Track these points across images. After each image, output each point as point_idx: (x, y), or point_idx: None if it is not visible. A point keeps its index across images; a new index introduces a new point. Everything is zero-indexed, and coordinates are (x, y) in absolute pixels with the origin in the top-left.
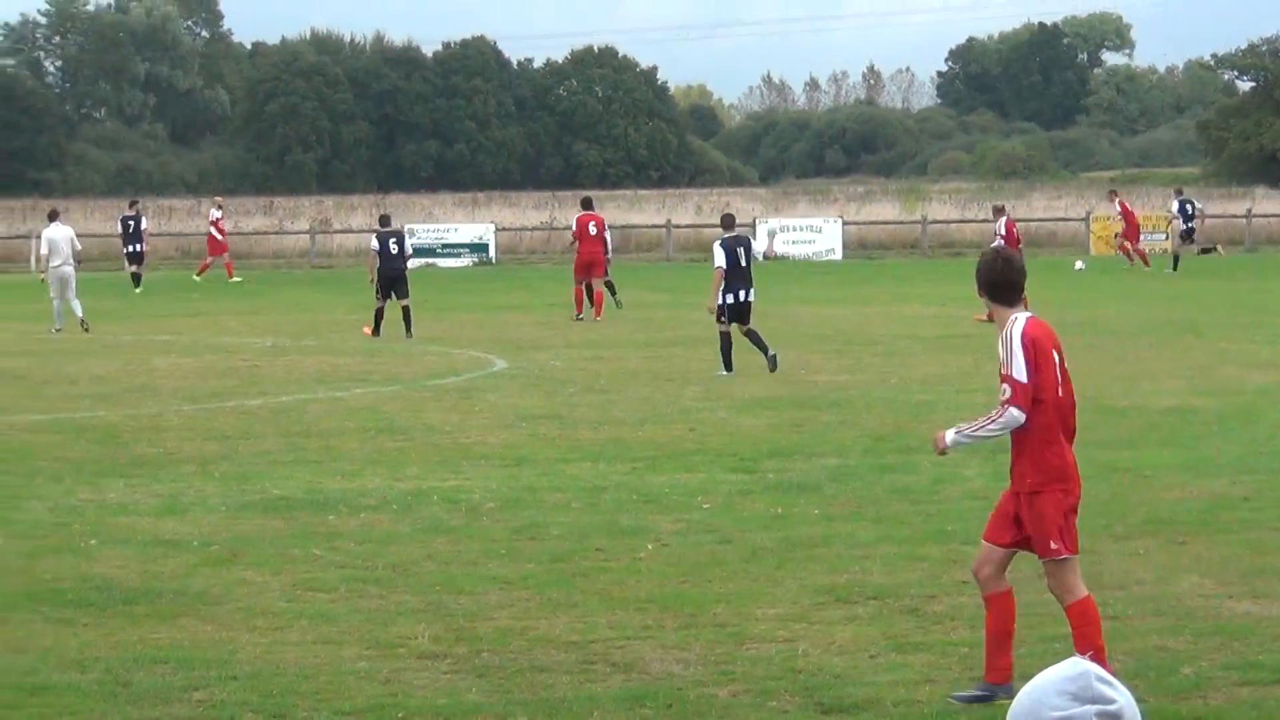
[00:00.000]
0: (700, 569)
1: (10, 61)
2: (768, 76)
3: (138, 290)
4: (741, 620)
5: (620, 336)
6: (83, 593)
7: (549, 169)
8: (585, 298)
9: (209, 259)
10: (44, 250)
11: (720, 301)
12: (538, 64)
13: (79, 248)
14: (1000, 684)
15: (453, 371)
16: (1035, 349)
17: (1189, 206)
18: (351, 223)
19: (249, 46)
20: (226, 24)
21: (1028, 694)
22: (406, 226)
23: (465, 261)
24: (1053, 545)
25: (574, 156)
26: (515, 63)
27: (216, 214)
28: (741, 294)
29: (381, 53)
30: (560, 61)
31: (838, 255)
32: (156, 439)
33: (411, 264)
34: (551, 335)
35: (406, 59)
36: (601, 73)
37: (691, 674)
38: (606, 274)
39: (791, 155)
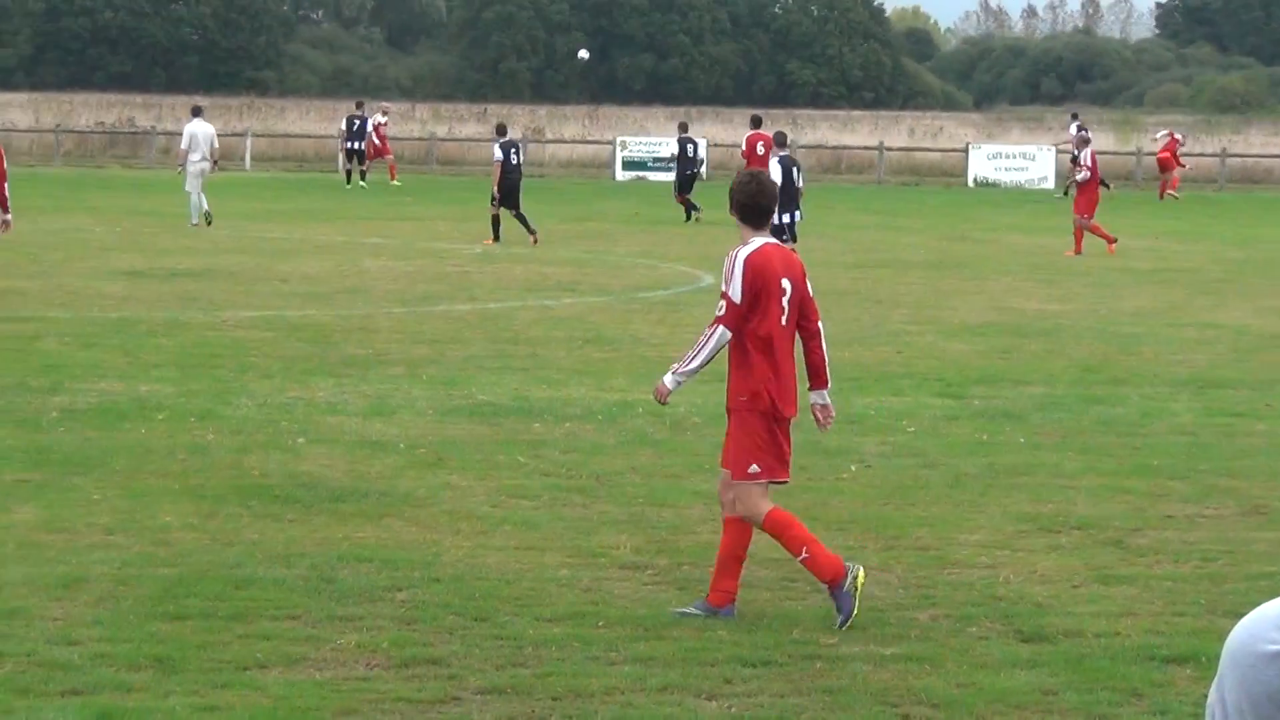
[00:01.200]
0: (903, 492)
1: None
2: (985, 2)
3: (349, 187)
4: (943, 545)
5: (829, 256)
6: (290, 490)
7: (761, 86)
8: None
9: (370, 160)
10: (184, 145)
11: None
12: None
13: (216, 145)
14: (720, 606)
15: (661, 285)
16: (755, 274)
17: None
18: (564, 132)
19: None
20: None
21: (1244, 628)
22: (619, 139)
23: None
24: (751, 469)
25: (787, 75)
26: None
27: (381, 119)
28: (785, 215)
29: None
30: None
31: (1050, 184)
32: (366, 340)
33: (623, 176)
34: None
35: None
36: None
37: (891, 596)
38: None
39: (1006, 82)
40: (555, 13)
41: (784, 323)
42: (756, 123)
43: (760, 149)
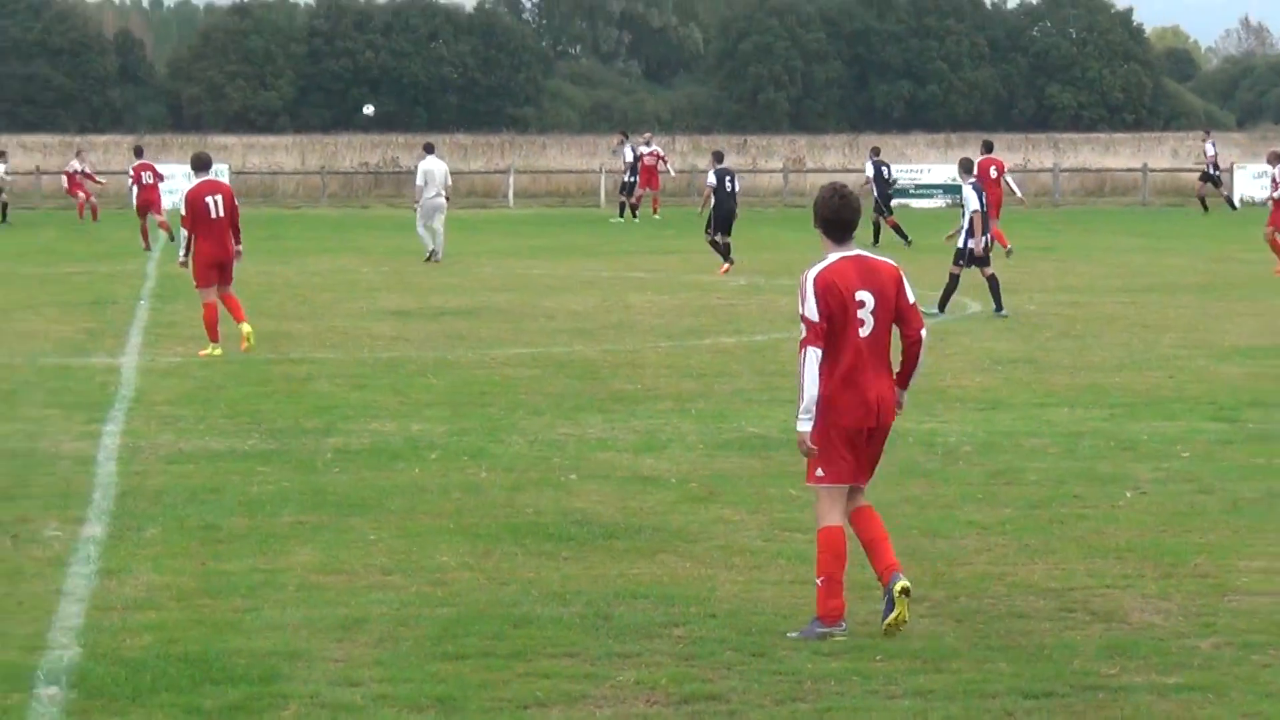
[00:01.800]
0: (1179, 518)
1: None
2: (1245, 19)
3: (622, 220)
4: (1223, 572)
5: (1094, 281)
6: (563, 527)
7: (1021, 111)
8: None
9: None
10: (420, 181)
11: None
12: (1011, 4)
13: (449, 183)
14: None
15: (928, 313)
16: (824, 291)
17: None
18: (825, 162)
19: None
20: None
21: None
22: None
23: (938, 203)
24: (817, 472)
25: (1047, 99)
26: (989, 3)
27: (645, 149)
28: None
29: None
30: (1034, 2)
31: None
32: (634, 375)
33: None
34: (1026, 279)
35: None
36: (1075, 14)
37: (1172, 625)
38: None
39: (1270, 99)
40: (812, 42)
41: (863, 333)
42: (988, 148)
43: (993, 172)
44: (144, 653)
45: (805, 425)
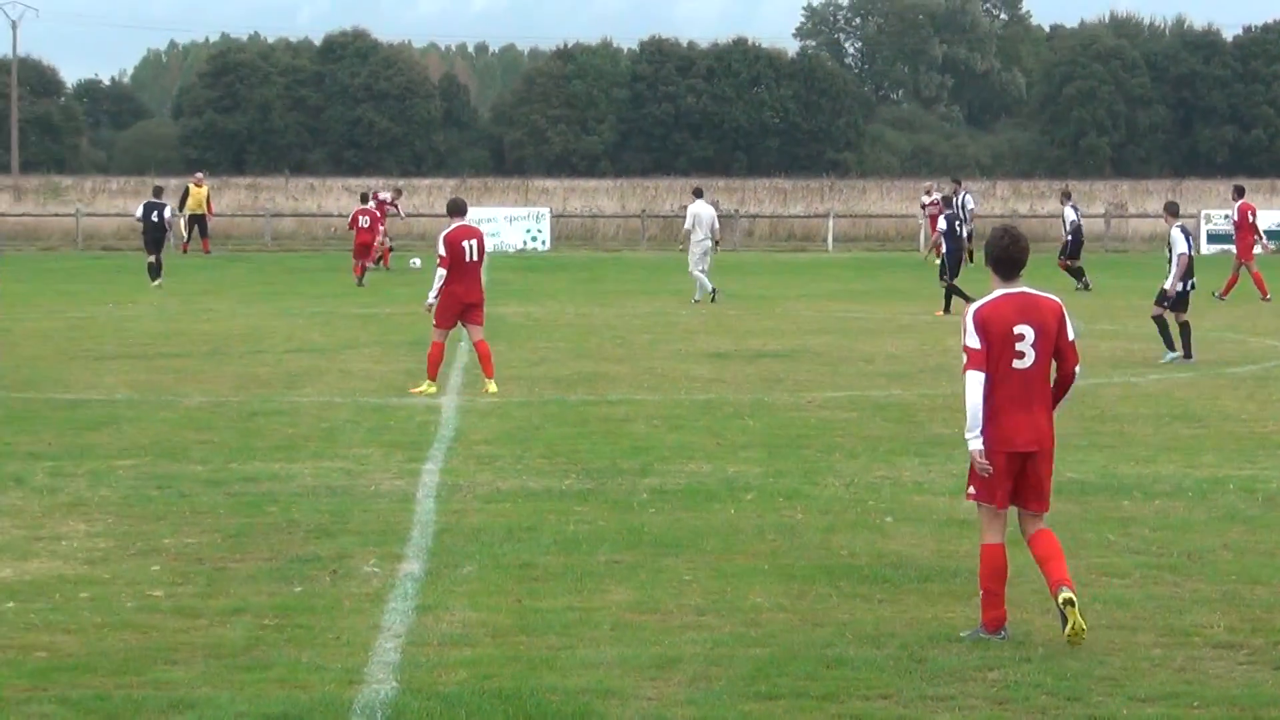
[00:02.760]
0: None
1: None
2: None
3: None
4: None
5: None
6: (878, 569)
7: None
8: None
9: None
10: (688, 225)
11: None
12: None
13: (717, 226)
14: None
15: (1249, 359)
16: (982, 324)
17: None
18: (1147, 207)
19: (1047, 29)
20: (1025, 6)
21: None
22: (1204, 212)
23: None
24: (969, 490)
25: None
26: None
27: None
28: (1190, 282)
29: (1181, 36)
30: None
31: None
32: (951, 419)
33: (1209, 250)
34: None
35: (1206, 43)
36: None
37: None
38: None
39: None
40: (1137, 86)
41: (1020, 365)
42: (1240, 193)
43: (1251, 216)
44: (459, 689)
45: (975, 443)
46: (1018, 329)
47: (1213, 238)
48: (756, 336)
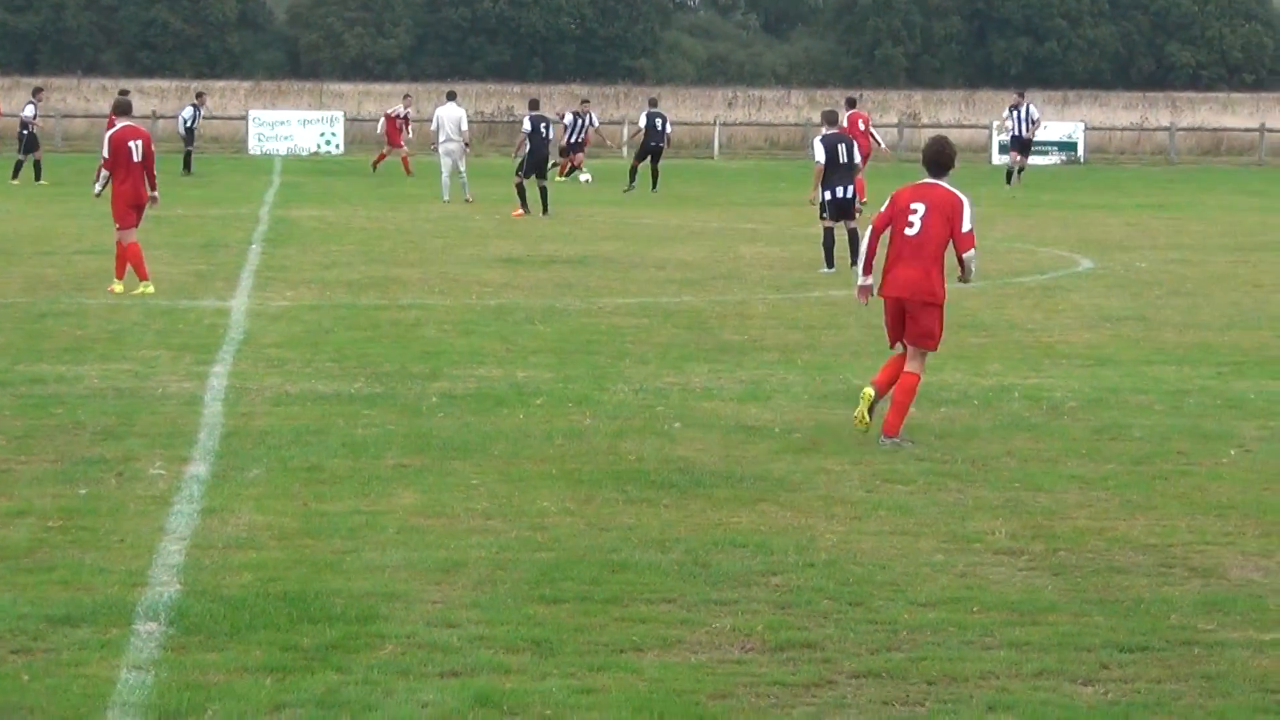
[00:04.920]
0: None
1: None
2: None
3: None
4: None
5: (1207, 240)
6: (665, 474)
7: (1139, 69)
8: None
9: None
10: (434, 126)
11: (822, 197)
12: None
13: (465, 128)
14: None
15: (1037, 270)
16: (893, 198)
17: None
18: (940, 117)
19: None
20: None
21: None
22: (995, 123)
23: (1053, 160)
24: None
25: (1166, 57)
26: None
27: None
28: (840, 190)
29: None
30: None
31: None
32: (741, 326)
33: (999, 160)
34: (1138, 236)
35: None
36: None
37: (1271, 581)
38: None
39: None
40: None
41: (907, 233)
42: (851, 103)
43: (861, 125)
44: (243, 591)
45: (860, 280)
46: (913, 205)
47: (1005, 148)
48: (549, 242)
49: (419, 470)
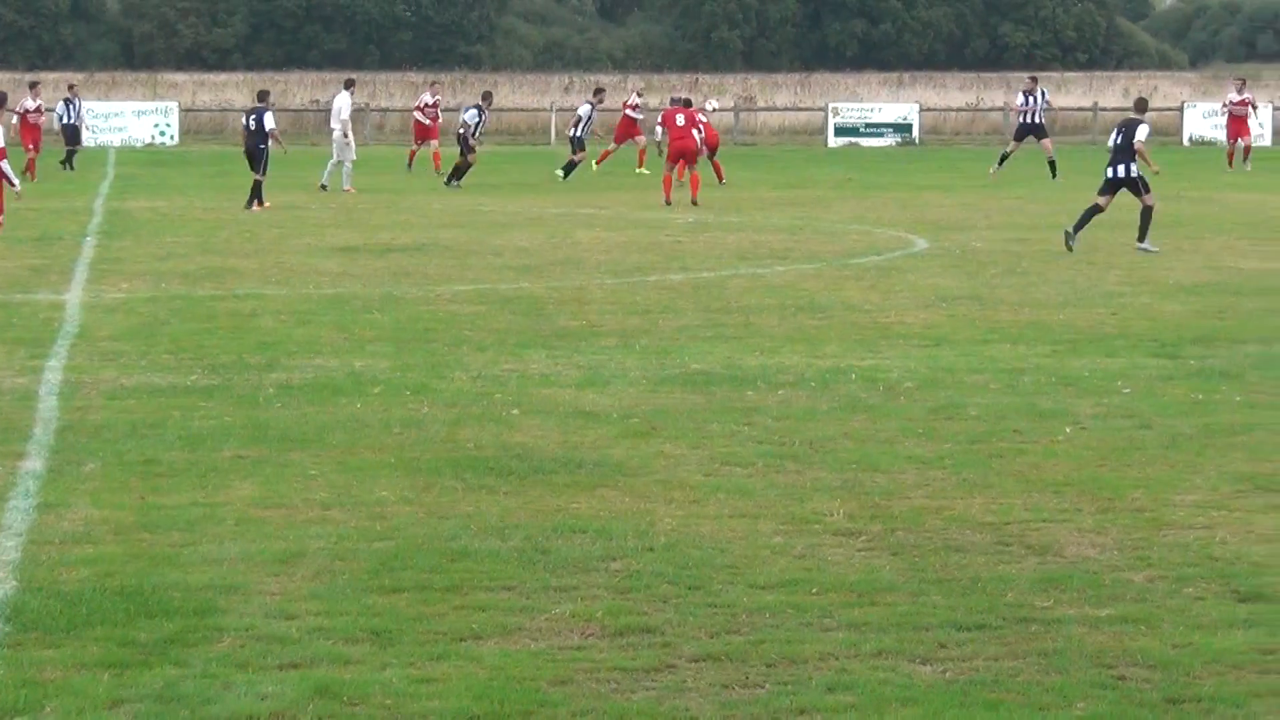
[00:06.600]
0: (1118, 454)
1: None
2: None
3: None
4: (1159, 506)
5: (1042, 219)
6: (504, 461)
7: (974, 50)
8: None
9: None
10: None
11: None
12: None
13: (345, 118)
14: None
15: (874, 250)
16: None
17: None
18: (776, 100)
19: None
20: None
21: None
22: (831, 105)
23: (888, 141)
24: None
25: (1000, 38)
26: None
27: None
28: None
29: None
30: None
31: (1266, 141)
32: (579, 312)
33: (835, 143)
34: (974, 216)
35: None
36: None
37: (1107, 558)
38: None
39: (1222, 39)
40: None
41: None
42: (687, 104)
43: (679, 120)
44: (80, 586)
45: None
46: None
47: (840, 130)
48: (386, 230)
49: (257, 461)
